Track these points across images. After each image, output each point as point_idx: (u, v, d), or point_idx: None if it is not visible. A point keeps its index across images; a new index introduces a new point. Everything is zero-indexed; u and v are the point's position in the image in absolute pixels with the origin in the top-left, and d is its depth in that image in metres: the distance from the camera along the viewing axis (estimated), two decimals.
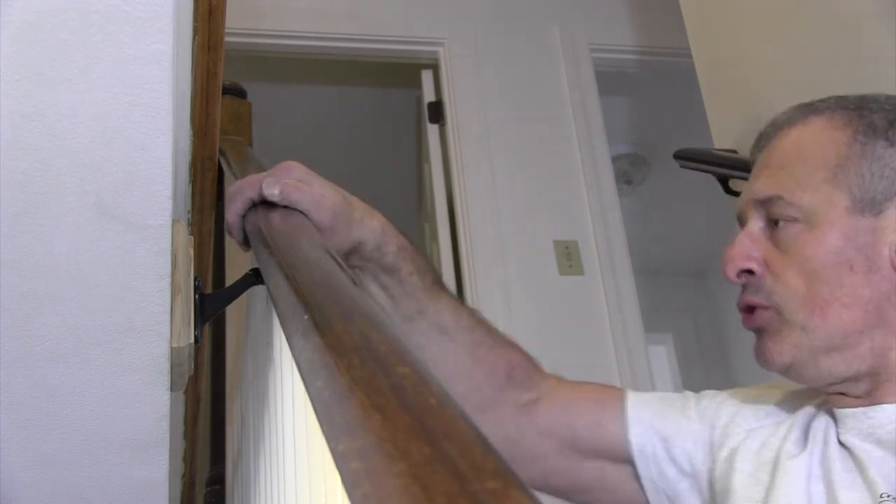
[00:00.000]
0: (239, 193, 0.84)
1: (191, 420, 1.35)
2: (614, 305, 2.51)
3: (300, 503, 0.80)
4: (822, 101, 0.84)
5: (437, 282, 0.94)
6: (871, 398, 0.77)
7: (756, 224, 0.81)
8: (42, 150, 0.62)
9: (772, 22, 1.84)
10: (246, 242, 0.85)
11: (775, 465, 0.79)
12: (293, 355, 0.52)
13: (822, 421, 0.81)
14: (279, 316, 0.61)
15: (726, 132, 1.91)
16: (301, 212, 0.82)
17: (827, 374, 0.77)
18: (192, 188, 1.14)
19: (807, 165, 0.79)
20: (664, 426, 0.89)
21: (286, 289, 0.58)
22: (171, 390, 0.87)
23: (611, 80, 2.93)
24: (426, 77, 2.83)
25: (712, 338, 4.30)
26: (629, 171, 3.69)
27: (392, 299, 0.89)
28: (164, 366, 0.82)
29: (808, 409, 0.84)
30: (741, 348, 3.90)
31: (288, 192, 0.81)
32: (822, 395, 0.84)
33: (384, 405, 0.35)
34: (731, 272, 0.80)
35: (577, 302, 2.52)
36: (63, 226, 0.68)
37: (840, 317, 0.75)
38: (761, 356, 0.79)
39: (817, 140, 0.80)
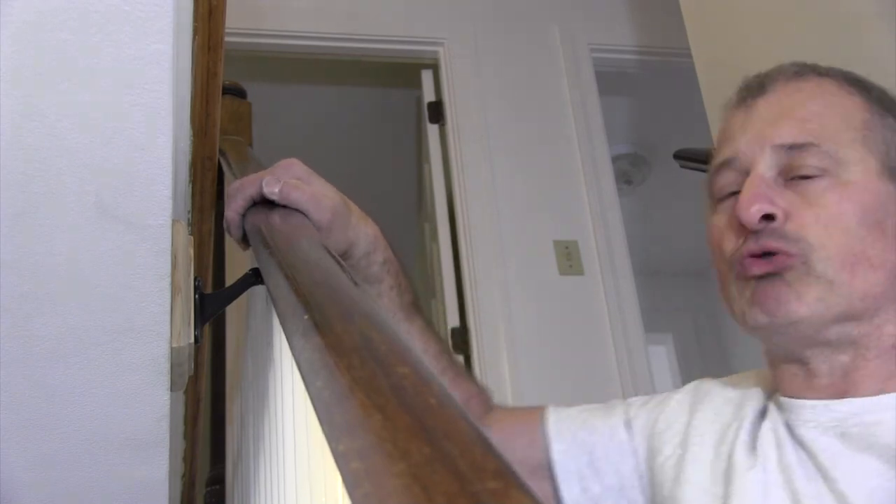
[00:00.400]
0: (239, 191, 0.85)
1: (191, 420, 1.35)
2: (614, 305, 2.51)
3: (300, 503, 0.80)
4: (810, 65, 0.81)
5: (415, 303, 0.94)
6: (837, 386, 0.72)
7: (769, 171, 0.75)
8: (42, 150, 0.62)
9: (772, 22, 1.84)
10: (245, 241, 0.85)
11: (728, 478, 0.75)
12: (293, 355, 0.52)
13: (772, 419, 0.76)
14: (279, 316, 0.61)
15: None
16: (300, 211, 0.82)
17: (821, 337, 0.72)
18: (192, 188, 1.14)
19: (838, 121, 0.75)
20: (588, 438, 0.85)
21: (286, 289, 0.58)
22: (171, 390, 0.87)
23: (611, 80, 2.93)
24: (426, 77, 2.83)
25: (712, 338, 4.30)
26: (629, 171, 3.69)
27: None
28: (164, 366, 0.82)
29: (754, 405, 0.79)
30: (741, 348, 3.90)
31: (287, 191, 0.81)
32: (767, 385, 0.80)
33: (384, 405, 0.35)
34: (755, 215, 0.72)
35: (577, 302, 2.52)
36: (63, 226, 0.68)
37: (867, 277, 0.71)
38: (772, 302, 0.71)
39: (839, 100, 0.77)
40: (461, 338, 2.51)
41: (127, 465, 0.95)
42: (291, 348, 0.52)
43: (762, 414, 0.78)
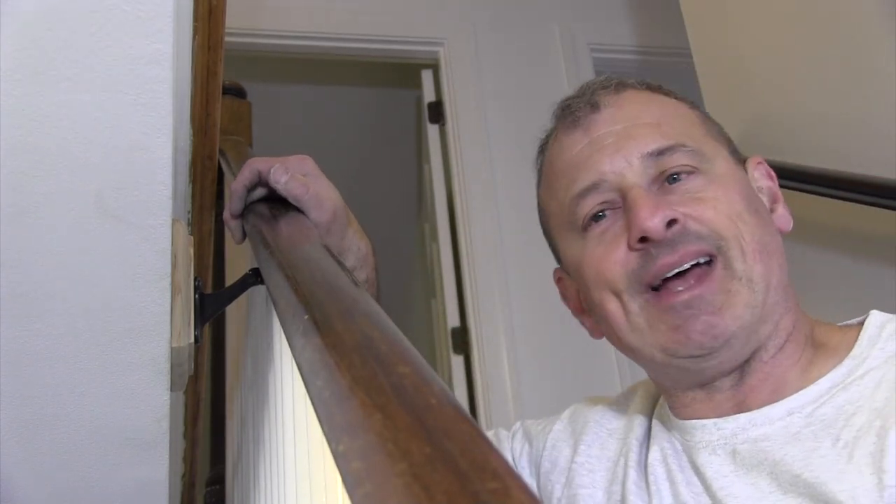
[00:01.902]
0: (249, 166, 0.86)
1: (191, 420, 1.35)
2: None
3: (300, 503, 0.80)
4: (608, 78, 0.78)
5: None
6: (734, 399, 0.68)
7: (644, 182, 0.70)
8: (42, 150, 0.62)
9: (772, 22, 1.84)
10: (241, 223, 0.87)
11: None
12: (293, 355, 0.52)
13: (659, 444, 0.71)
14: (279, 316, 0.61)
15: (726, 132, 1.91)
16: (300, 209, 0.82)
17: (752, 349, 0.67)
18: (192, 188, 1.14)
19: (682, 120, 0.74)
20: None
21: (286, 288, 0.58)
22: (171, 390, 0.86)
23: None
24: (426, 77, 2.83)
25: None
26: None
27: None
28: (164, 366, 0.82)
29: (637, 433, 0.75)
30: None
31: (293, 185, 0.82)
32: (648, 399, 0.76)
33: (385, 405, 0.35)
34: (660, 224, 0.66)
35: None
36: (63, 226, 0.68)
37: (771, 265, 0.67)
38: (704, 332, 0.65)
39: (667, 103, 0.76)
40: (461, 338, 2.51)
41: (127, 465, 0.95)
42: (292, 348, 0.52)
43: (647, 439, 0.74)
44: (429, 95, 2.81)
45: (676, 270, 0.67)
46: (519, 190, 2.63)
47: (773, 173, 0.77)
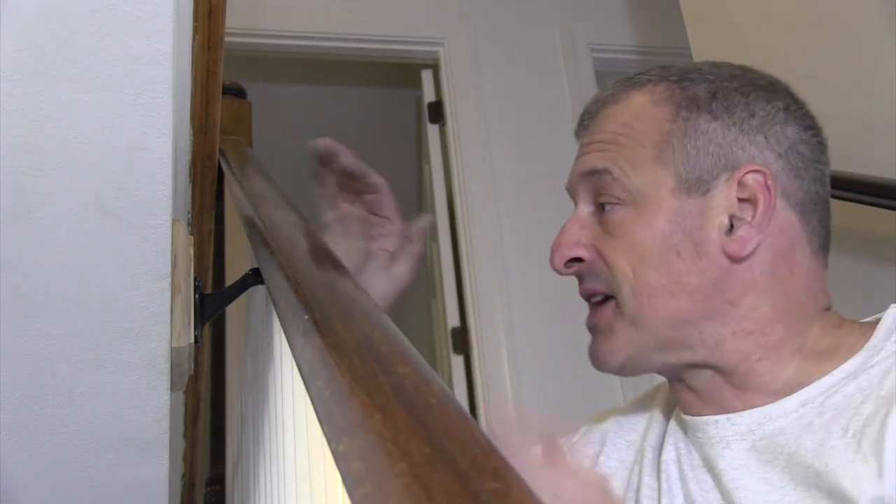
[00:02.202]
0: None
1: (191, 420, 1.35)
2: None
3: (300, 503, 0.80)
4: (645, 72, 0.78)
5: None
6: (729, 401, 0.70)
7: (585, 208, 0.74)
8: (42, 150, 0.62)
9: (772, 22, 1.84)
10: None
11: None
12: (293, 355, 0.52)
13: (674, 443, 0.74)
14: (279, 316, 0.61)
15: None
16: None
17: (658, 369, 0.72)
18: (192, 188, 1.14)
19: (633, 142, 0.72)
20: None
21: (286, 288, 0.58)
22: (171, 390, 0.86)
23: (611, 81, 2.93)
24: (426, 77, 2.83)
25: None
26: None
27: None
28: (164, 366, 0.82)
29: (654, 436, 0.77)
30: None
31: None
32: (667, 409, 0.78)
33: (385, 405, 0.35)
34: (559, 261, 0.73)
35: (578, 302, 2.51)
36: (63, 226, 0.68)
37: (667, 306, 0.68)
38: (594, 358, 0.74)
39: (640, 115, 0.74)
40: (461, 338, 2.51)
41: (127, 465, 0.95)
42: (292, 348, 0.52)
43: (661, 441, 0.76)
44: (429, 95, 2.81)
45: (593, 300, 0.75)
46: (519, 190, 2.63)
47: (768, 185, 0.69)
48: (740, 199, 0.69)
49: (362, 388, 0.38)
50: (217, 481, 1.43)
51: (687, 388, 0.72)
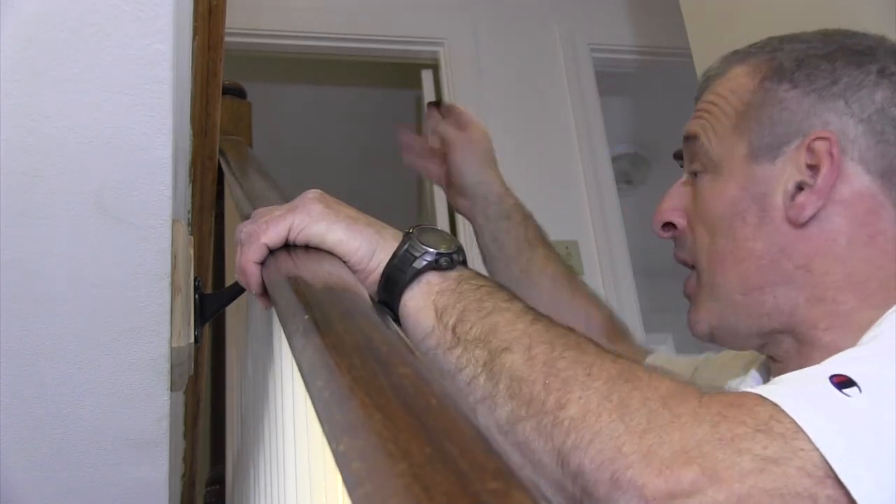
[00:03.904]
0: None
1: (191, 420, 1.35)
2: (614, 305, 2.49)
3: (300, 503, 0.80)
4: (755, 44, 0.80)
5: (537, 235, 1.15)
6: (803, 358, 0.69)
7: (685, 174, 0.78)
8: (42, 150, 0.62)
9: (772, 22, 1.84)
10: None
11: None
12: (294, 355, 0.52)
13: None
14: (279, 316, 0.61)
15: None
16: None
17: (744, 337, 0.72)
18: (192, 188, 1.14)
19: (720, 112, 0.75)
20: None
21: (286, 288, 0.58)
22: (171, 390, 0.86)
23: (611, 80, 2.93)
24: (426, 77, 2.83)
25: None
26: (629, 171, 3.69)
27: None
28: (164, 366, 0.82)
29: (757, 364, 0.79)
30: None
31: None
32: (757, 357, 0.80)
33: (385, 405, 0.35)
34: (655, 225, 0.76)
35: None
36: (63, 226, 0.68)
37: (734, 271, 0.70)
38: (688, 326, 0.76)
39: (733, 87, 0.76)
40: None
41: (127, 465, 0.95)
42: (292, 348, 0.52)
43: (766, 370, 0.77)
44: (429, 95, 2.81)
45: None
46: (518, 190, 2.63)
47: (832, 151, 0.68)
48: (808, 166, 0.69)
49: (362, 388, 0.38)
50: (217, 481, 1.43)
51: (772, 358, 0.73)
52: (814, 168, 0.69)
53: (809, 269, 0.68)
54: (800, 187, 0.69)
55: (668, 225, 0.76)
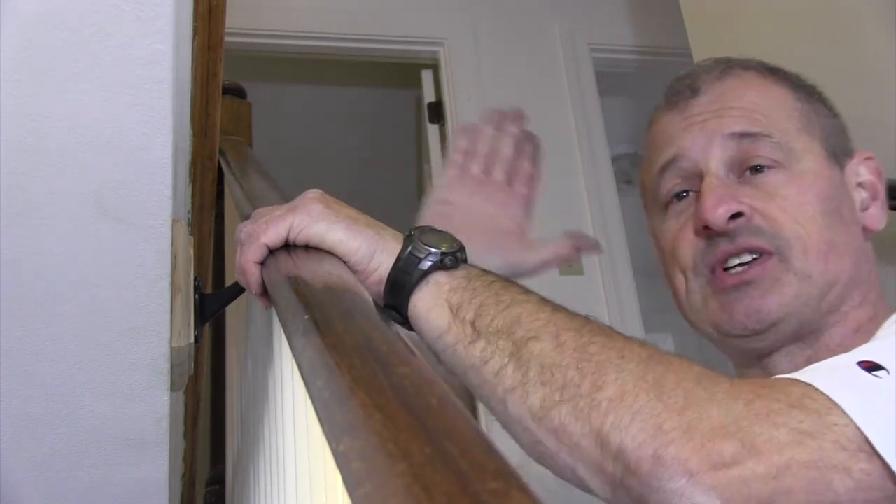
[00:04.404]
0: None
1: (191, 420, 1.35)
2: (614, 305, 2.51)
3: (300, 503, 0.80)
4: (735, 59, 0.79)
5: None
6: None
7: (721, 167, 0.73)
8: (42, 150, 0.62)
9: (772, 22, 1.84)
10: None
11: None
12: (294, 355, 0.52)
13: None
14: (279, 316, 0.61)
15: None
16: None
17: (793, 332, 0.71)
18: (192, 188, 1.14)
19: (779, 112, 0.75)
20: None
21: (286, 288, 0.58)
22: (171, 390, 0.86)
23: (611, 80, 2.93)
24: (426, 77, 2.83)
25: None
26: (629, 171, 3.69)
27: None
28: (164, 366, 0.82)
29: None
30: None
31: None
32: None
33: (385, 405, 0.35)
34: (723, 216, 0.70)
35: (577, 302, 2.49)
36: (63, 226, 0.68)
37: (838, 265, 0.71)
38: (753, 309, 0.70)
39: (772, 90, 0.76)
40: None
41: (127, 465, 0.95)
42: (292, 348, 0.52)
43: None
44: (429, 95, 2.81)
45: (737, 261, 0.72)
46: None
47: (881, 170, 0.78)
48: (859, 184, 0.76)
49: (362, 388, 0.37)
50: (217, 481, 1.43)
51: (764, 370, 0.73)
52: (869, 184, 0.76)
53: (869, 276, 0.73)
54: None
55: (735, 216, 0.71)
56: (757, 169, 0.73)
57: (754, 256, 0.71)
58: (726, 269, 0.72)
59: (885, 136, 1.50)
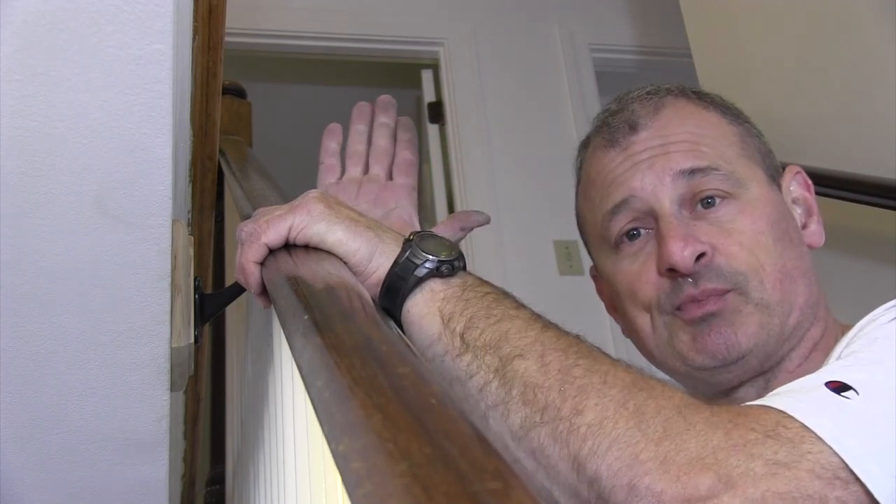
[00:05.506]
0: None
1: (191, 420, 1.35)
2: None
3: (300, 503, 0.80)
4: (663, 86, 0.79)
5: None
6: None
7: (674, 207, 0.73)
8: (42, 150, 0.62)
9: (772, 22, 1.84)
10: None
11: None
12: (293, 355, 0.52)
13: None
14: (279, 316, 0.61)
15: None
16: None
17: (763, 362, 0.71)
18: (192, 188, 1.14)
19: (718, 141, 0.75)
20: None
21: (287, 288, 0.58)
22: (171, 390, 0.86)
23: (611, 80, 2.93)
24: (426, 77, 2.83)
25: None
26: None
27: None
28: (164, 366, 0.82)
29: None
30: None
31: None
32: None
33: (385, 405, 0.35)
34: (689, 259, 0.70)
35: (577, 302, 2.51)
36: (63, 226, 0.68)
37: (793, 290, 0.71)
38: (717, 344, 0.70)
39: (701, 120, 0.76)
40: None
41: (127, 465, 0.95)
42: (292, 348, 0.52)
43: None
44: (429, 95, 2.81)
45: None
46: (518, 190, 2.63)
47: (810, 183, 0.78)
48: (793, 199, 0.77)
49: (362, 388, 0.37)
50: (217, 481, 1.43)
51: (722, 396, 0.73)
52: (802, 200, 0.77)
53: (819, 294, 0.73)
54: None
55: (700, 256, 0.71)
56: (708, 202, 0.73)
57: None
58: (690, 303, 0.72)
59: (885, 136, 1.50)
